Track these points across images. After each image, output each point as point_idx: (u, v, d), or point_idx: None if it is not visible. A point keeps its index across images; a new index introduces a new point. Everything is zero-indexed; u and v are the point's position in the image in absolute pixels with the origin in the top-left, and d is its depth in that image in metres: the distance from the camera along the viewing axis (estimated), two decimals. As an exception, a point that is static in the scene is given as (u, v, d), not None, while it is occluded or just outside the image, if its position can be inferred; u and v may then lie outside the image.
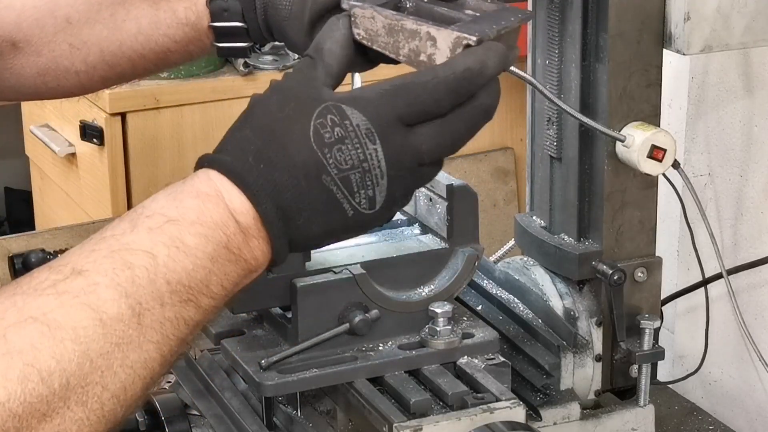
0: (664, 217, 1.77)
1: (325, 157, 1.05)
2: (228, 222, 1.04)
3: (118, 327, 0.97)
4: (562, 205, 1.60)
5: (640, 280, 1.57)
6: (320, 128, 1.05)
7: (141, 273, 0.99)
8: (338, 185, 1.06)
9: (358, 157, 1.06)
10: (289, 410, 1.47)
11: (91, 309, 0.97)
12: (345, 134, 1.06)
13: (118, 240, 1.02)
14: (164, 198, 1.05)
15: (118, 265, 1.00)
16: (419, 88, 1.08)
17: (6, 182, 4.27)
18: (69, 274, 0.99)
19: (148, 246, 1.01)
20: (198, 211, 1.03)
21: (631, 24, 1.48)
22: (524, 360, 1.54)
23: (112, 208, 2.66)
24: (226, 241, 1.03)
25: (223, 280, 1.04)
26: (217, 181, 1.05)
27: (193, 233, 1.02)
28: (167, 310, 1.00)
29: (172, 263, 1.01)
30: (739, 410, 2.00)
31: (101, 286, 0.98)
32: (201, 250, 1.02)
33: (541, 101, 1.59)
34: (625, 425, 1.56)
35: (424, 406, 1.33)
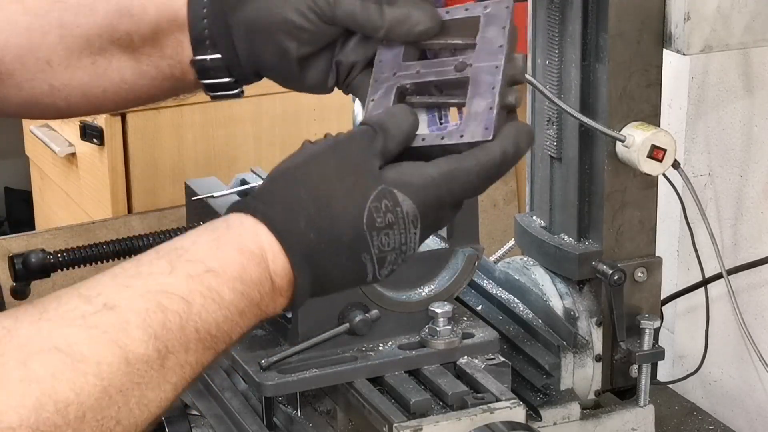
0: (664, 217, 1.77)
1: (372, 240, 1.08)
2: (266, 283, 1.05)
3: (142, 367, 0.98)
4: (562, 205, 1.60)
5: (640, 280, 1.57)
6: (374, 211, 1.08)
7: (173, 318, 1.00)
8: (374, 262, 1.09)
9: (400, 241, 1.09)
10: (289, 410, 1.47)
11: (118, 347, 0.97)
12: (395, 220, 1.08)
13: (155, 280, 1.02)
14: (206, 243, 1.05)
15: (152, 306, 1.00)
16: (464, 176, 1.11)
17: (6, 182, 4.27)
18: (100, 308, 0.99)
19: (184, 292, 1.01)
20: (240, 267, 1.04)
21: (631, 24, 1.48)
22: (524, 360, 1.54)
23: (112, 208, 2.65)
24: (258, 299, 1.05)
25: (243, 330, 1.06)
26: (264, 239, 1.06)
27: (231, 288, 1.03)
28: (190, 356, 1.01)
29: (205, 314, 1.02)
30: (739, 410, 2.00)
31: (132, 325, 0.98)
32: (234, 305, 1.04)
33: (541, 101, 1.59)
34: (625, 425, 1.56)
35: (424, 406, 1.33)
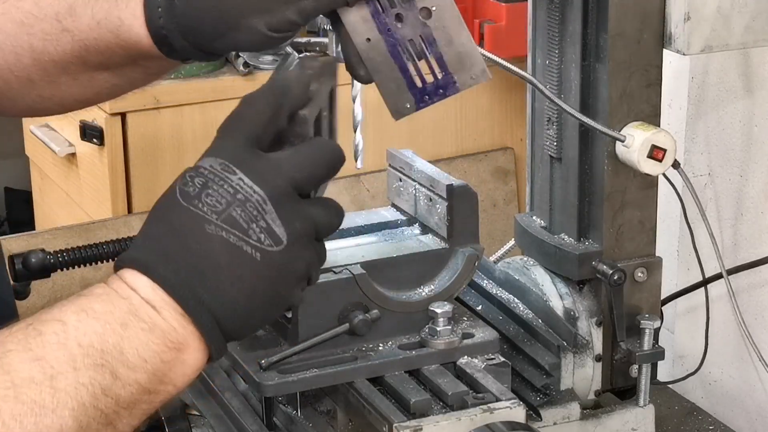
0: (664, 217, 1.77)
1: (198, 208, 1.05)
2: (131, 295, 1.04)
3: (31, 388, 0.97)
4: (562, 205, 1.60)
5: (640, 280, 1.57)
6: (183, 187, 1.06)
7: (51, 338, 1.00)
8: (225, 228, 1.05)
9: (229, 192, 1.05)
10: (289, 410, 1.47)
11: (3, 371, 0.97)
12: (205, 180, 1.06)
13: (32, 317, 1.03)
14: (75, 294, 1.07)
15: (30, 333, 1.00)
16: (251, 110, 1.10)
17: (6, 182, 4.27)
18: None
19: (57, 315, 1.02)
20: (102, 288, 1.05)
21: (631, 24, 1.48)
22: (524, 360, 1.54)
23: (112, 208, 2.66)
24: (133, 309, 1.03)
25: (139, 348, 1.03)
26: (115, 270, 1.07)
27: (101, 301, 1.03)
28: (81, 374, 0.99)
29: (83, 326, 1.01)
30: (739, 410, 2.00)
31: (13, 352, 0.98)
32: (110, 314, 1.02)
33: (541, 101, 1.59)
34: (625, 425, 1.56)
35: (424, 406, 1.33)
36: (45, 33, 1.28)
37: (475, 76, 1.21)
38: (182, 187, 1.06)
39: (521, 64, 1.50)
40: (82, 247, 1.49)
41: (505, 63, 1.40)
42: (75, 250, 1.48)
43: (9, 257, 1.46)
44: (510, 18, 2.67)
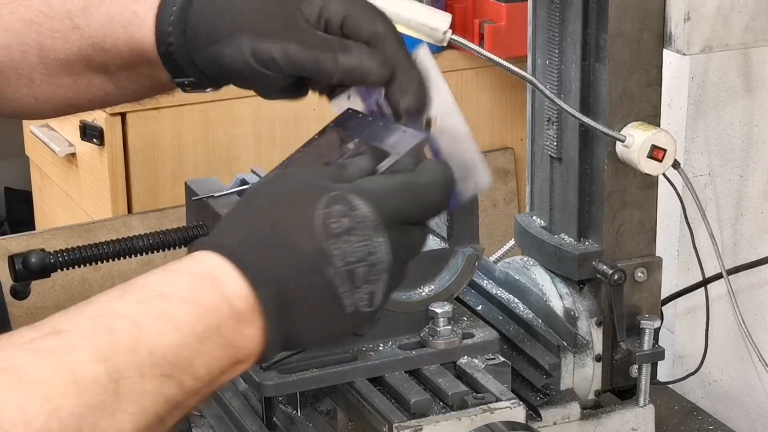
0: (664, 217, 1.77)
1: (331, 249, 1.02)
2: (222, 305, 1.01)
3: (93, 389, 0.94)
4: (562, 205, 1.60)
5: (640, 280, 1.57)
6: (327, 218, 1.03)
7: (123, 339, 0.96)
8: (342, 278, 1.03)
9: (365, 250, 1.03)
10: (289, 410, 1.47)
11: (65, 368, 0.93)
12: (352, 225, 1.03)
13: (105, 306, 0.99)
14: (158, 273, 1.02)
15: (100, 328, 0.96)
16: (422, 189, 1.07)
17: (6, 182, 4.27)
18: (48, 333, 0.96)
19: (134, 315, 0.98)
20: (191, 290, 1.00)
21: (631, 24, 1.48)
22: (524, 360, 1.54)
23: (112, 208, 2.66)
24: (217, 323, 1.00)
25: (210, 363, 1.00)
26: (212, 262, 1.02)
27: (183, 311, 0.99)
28: (147, 382, 0.96)
29: (158, 335, 0.97)
30: (739, 410, 2.00)
31: (79, 347, 0.95)
32: (190, 327, 0.99)
33: (541, 101, 1.59)
34: (625, 425, 1.56)
35: (424, 406, 1.33)
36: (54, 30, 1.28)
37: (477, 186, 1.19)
38: (326, 218, 1.03)
39: (521, 64, 1.50)
40: (82, 247, 1.49)
41: (505, 63, 1.40)
42: (75, 250, 1.48)
43: (9, 257, 1.46)
44: (510, 18, 2.67)
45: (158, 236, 1.50)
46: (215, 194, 1.54)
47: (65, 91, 1.31)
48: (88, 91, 1.31)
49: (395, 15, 1.33)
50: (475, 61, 2.79)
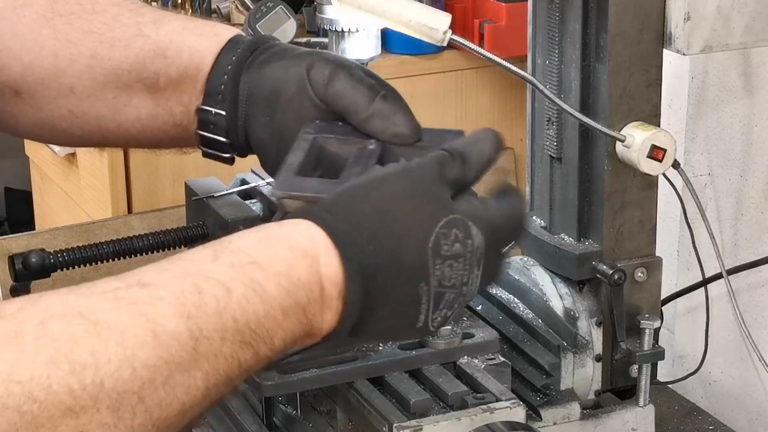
0: (664, 217, 1.77)
1: (434, 268, 1.04)
2: (315, 287, 1.01)
3: (172, 344, 0.93)
4: (562, 205, 1.60)
5: (640, 280, 1.57)
6: (442, 238, 1.04)
7: (210, 301, 0.96)
8: (430, 297, 1.04)
9: (462, 280, 1.05)
10: (289, 410, 1.47)
11: (146, 319, 0.93)
12: (462, 253, 1.04)
13: (195, 265, 0.99)
14: (254, 238, 1.02)
15: (188, 287, 0.96)
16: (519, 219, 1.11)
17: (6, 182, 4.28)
18: (133, 284, 0.96)
19: (225, 279, 0.98)
20: (288, 264, 1.00)
21: (631, 24, 1.48)
22: (524, 360, 1.54)
23: (112, 208, 2.66)
24: (305, 303, 1.01)
25: (287, 337, 1.01)
26: (320, 242, 1.02)
27: (276, 283, 0.99)
28: (226, 346, 0.96)
29: (245, 303, 0.97)
30: (739, 410, 2.00)
31: (164, 302, 0.94)
32: (278, 301, 0.99)
33: (541, 101, 1.59)
34: (625, 425, 1.56)
35: (424, 406, 1.33)
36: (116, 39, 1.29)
37: None
38: (441, 238, 1.04)
39: (521, 64, 1.50)
40: (82, 247, 1.49)
41: (505, 63, 1.40)
42: (75, 250, 1.48)
43: (9, 257, 1.46)
44: (510, 18, 2.67)
45: (158, 236, 1.50)
46: (215, 194, 1.54)
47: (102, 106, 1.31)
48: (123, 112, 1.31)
49: (395, 15, 1.33)
50: (475, 61, 2.79)
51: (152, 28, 1.29)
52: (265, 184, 1.57)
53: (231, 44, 1.27)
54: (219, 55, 1.26)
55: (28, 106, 1.33)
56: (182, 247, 1.54)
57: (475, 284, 1.07)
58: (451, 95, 2.83)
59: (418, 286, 1.04)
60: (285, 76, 1.22)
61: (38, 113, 1.33)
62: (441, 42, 1.35)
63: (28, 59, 1.31)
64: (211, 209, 1.51)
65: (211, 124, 1.27)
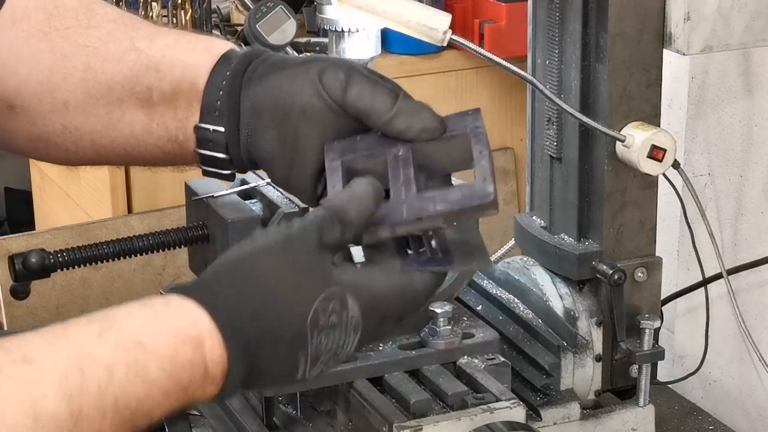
0: (664, 217, 1.77)
1: (311, 338, 1.07)
2: (198, 369, 1.03)
3: (51, 426, 0.95)
4: (562, 205, 1.60)
5: (640, 280, 1.57)
6: (320, 311, 1.07)
7: (91, 384, 0.98)
8: (307, 360, 1.08)
9: (338, 344, 1.08)
10: (289, 410, 1.47)
11: (28, 399, 0.94)
12: (338, 323, 1.08)
13: (80, 344, 1.00)
14: (141, 317, 1.04)
15: (72, 368, 0.97)
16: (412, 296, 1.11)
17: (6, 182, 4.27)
18: (18, 359, 0.96)
19: (109, 360, 0.99)
20: (172, 348, 1.02)
21: (631, 24, 1.48)
22: (524, 360, 1.54)
23: (112, 208, 2.65)
24: (187, 383, 1.03)
25: (166, 412, 1.03)
26: (204, 325, 1.04)
27: (159, 367, 1.01)
28: (106, 425, 0.98)
29: (127, 385, 0.99)
30: (739, 410, 2.00)
31: (47, 382, 0.96)
32: (159, 384, 1.01)
33: (541, 101, 1.59)
34: (625, 425, 1.56)
35: (424, 406, 1.33)
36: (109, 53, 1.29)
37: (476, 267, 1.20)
38: (319, 311, 1.07)
39: (521, 64, 1.50)
40: (82, 247, 1.49)
41: (505, 63, 1.40)
42: (75, 250, 1.48)
43: (9, 257, 1.46)
44: (510, 18, 2.67)
45: (158, 236, 1.50)
46: (215, 194, 1.54)
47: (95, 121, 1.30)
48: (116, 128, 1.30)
49: (395, 15, 1.33)
50: (475, 61, 2.79)
51: (145, 43, 1.28)
52: (265, 184, 1.57)
53: (224, 59, 1.26)
54: (213, 70, 1.25)
55: (22, 121, 1.32)
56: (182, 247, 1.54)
57: (351, 346, 1.10)
58: (451, 95, 2.83)
59: (297, 353, 1.07)
60: (292, 86, 1.20)
61: (32, 128, 1.33)
62: (441, 42, 1.35)
63: (24, 73, 1.31)
64: (211, 209, 1.51)
65: (210, 141, 1.26)
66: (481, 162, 1.15)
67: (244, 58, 1.25)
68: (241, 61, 1.25)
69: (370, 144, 1.17)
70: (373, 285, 1.09)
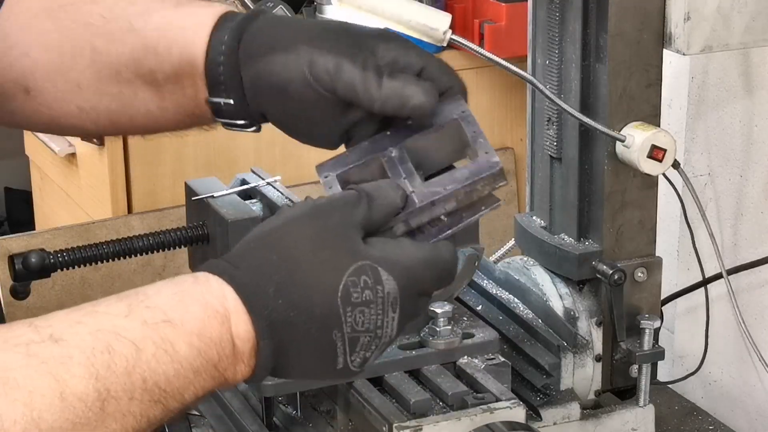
0: (664, 217, 1.77)
1: (345, 315, 1.04)
2: (226, 345, 1.02)
3: (78, 406, 0.94)
4: (562, 205, 1.60)
5: (640, 280, 1.57)
6: (351, 286, 1.03)
7: (119, 361, 0.96)
8: (344, 342, 1.05)
9: (376, 323, 1.05)
10: (289, 410, 1.47)
11: (55, 379, 0.94)
12: (373, 299, 1.04)
13: (109, 320, 0.99)
14: (169, 294, 1.02)
15: (99, 346, 0.96)
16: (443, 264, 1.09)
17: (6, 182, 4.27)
18: (45, 339, 0.96)
19: (137, 337, 0.98)
20: (201, 323, 1.01)
21: (631, 24, 1.48)
22: (524, 360, 1.54)
23: (112, 208, 2.65)
24: (216, 360, 1.02)
25: (198, 391, 1.02)
26: (230, 300, 1.03)
27: (187, 342, 1.00)
28: (134, 405, 0.97)
29: (155, 364, 0.98)
30: (739, 410, 2.00)
31: (74, 361, 0.95)
32: (189, 361, 1.00)
33: (541, 101, 1.59)
34: (625, 425, 1.56)
35: (424, 406, 1.33)
36: (111, 33, 1.28)
37: None
38: (350, 286, 1.03)
39: (521, 64, 1.50)
40: (82, 247, 1.49)
41: (505, 63, 1.40)
42: (75, 250, 1.48)
43: (9, 257, 1.46)
44: (510, 18, 2.67)
45: (158, 236, 1.50)
46: (215, 194, 1.54)
47: (109, 101, 1.30)
48: (131, 106, 1.30)
49: (395, 15, 1.33)
50: (475, 61, 2.78)
51: (141, 22, 1.27)
52: (265, 184, 1.57)
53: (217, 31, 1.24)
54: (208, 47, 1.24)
55: (38, 104, 1.32)
56: (182, 247, 1.54)
57: (392, 326, 1.06)
58: (451, 95, 2.82)
59: (332, 333, 1.04)
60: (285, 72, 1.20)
61: (49, 111, 1.33)
62: (441, 42, 1.35)
63: (35, 55, 1.30)
64: (211, 209, 1.51)
65: (224, 111, 1.26)
66: (478, 140, 1.15)
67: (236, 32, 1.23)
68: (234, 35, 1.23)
69: (360, 154, 1.17)
70: (407, 257, 1.06)
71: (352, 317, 1.04)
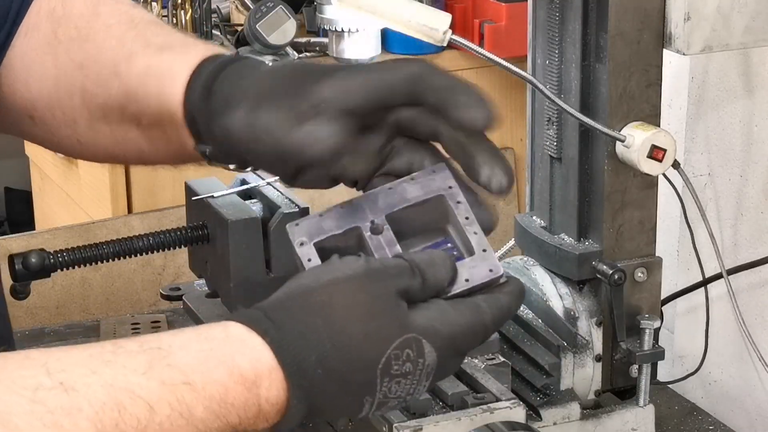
0: (664, 217, 1.77)
1: (381, 384, 1.01)
2: (250, 408, 0.99)
3: None
4: (562, 205, 1.60)
5: (640, 280, 1.57)
6: (393, 359, 1.01)
7: (130, 421, 0.93)
8: (373, 405, 1.03)
9: (408, 392, 1.03)
10: (289, 410, 1.47)
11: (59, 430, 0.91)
12: (412, 371, 1.02)
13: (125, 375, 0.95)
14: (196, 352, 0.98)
15: (111, 401, 0.93)
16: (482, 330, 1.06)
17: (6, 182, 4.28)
18: (56, 385, 0.93)
19: (152, 398, 0.95)
20: (223, 389, 0.97)
21: (631, 24, 1.48)
22: (524, 360, 1.54)
23: (112, 208, 2.66)
24: (236, 422, 0.98)
25: None
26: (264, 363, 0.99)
27: (205, 407, 0.96)
28: None
29: (168, 426, 0.95)
30: (739, 410, 2.00)
31: (82, 415, 0.92)
32: (206, 424, 0.97)
33: (541, 101, 1.59)
34: (625, 425, 1.56)
35: (424, 406, 1.33)
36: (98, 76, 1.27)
37: None
38: (392, 359, 1.01)
39: (521, 64, 1.50)
40: (82, 247, 1.49)
41: (505, 63, 1.40)
42: (75, 250, 1.48)
43: (9, 257, 1.46)
44: (510, 18, 2.67)
45: (158, 236, 1.50)
46: (215, 194, 1.54)
47: (104, 139, 1.30)
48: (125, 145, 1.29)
49: (395, 15, 1.33)
50: (475, 61, 2.79)
51: (125, 66, 1.25)
52: (265, 183, 1.57)
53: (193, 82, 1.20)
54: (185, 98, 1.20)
55: (42, 131, 1.33)
56: (182, 247, 1.54)
57: (422, 391, 1.05)
58: (451, 95, 2.82)
59: (363, 398, 1.02)
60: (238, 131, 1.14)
61: (53, 138, 1.34)
62: (441, 42, 1.35)
63: (35, 87, 1.31)
64: (211, 209, 1.51)
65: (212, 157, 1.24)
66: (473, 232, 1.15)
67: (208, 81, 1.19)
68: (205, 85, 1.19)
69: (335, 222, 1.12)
70: (449, 326, 1.04)
71: (387, 387, 1.02)
